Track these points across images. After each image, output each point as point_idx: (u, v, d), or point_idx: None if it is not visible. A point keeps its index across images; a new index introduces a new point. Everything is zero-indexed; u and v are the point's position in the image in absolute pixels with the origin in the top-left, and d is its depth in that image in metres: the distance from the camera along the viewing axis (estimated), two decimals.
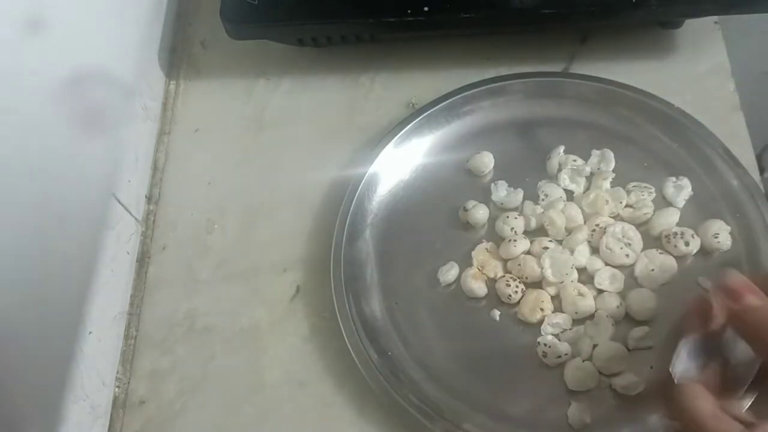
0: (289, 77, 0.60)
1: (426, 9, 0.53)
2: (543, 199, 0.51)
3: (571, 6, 0.53)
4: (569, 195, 0.51)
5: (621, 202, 0.50)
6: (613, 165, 0.52)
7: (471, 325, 0.48)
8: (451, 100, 0.54)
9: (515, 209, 0.51)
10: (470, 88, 0.55)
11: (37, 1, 0.42)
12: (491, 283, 0.49)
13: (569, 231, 0.49)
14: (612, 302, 0.47)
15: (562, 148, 0.52)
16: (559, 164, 0.52)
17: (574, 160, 0.52)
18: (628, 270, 0.48)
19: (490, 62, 0.59)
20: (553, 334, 0.47)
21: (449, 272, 0.49)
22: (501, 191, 0.52)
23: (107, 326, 0.49)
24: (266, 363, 0.49)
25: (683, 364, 0.37)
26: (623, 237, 0.48)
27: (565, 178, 0.51)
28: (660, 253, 0.48)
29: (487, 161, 0.53)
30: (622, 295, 0.47)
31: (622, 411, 0.45)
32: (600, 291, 0.48)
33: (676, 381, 0.36)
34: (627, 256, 0.48)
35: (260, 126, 0.58)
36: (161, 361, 0.50)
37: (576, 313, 0.47)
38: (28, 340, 0.41)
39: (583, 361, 0.46)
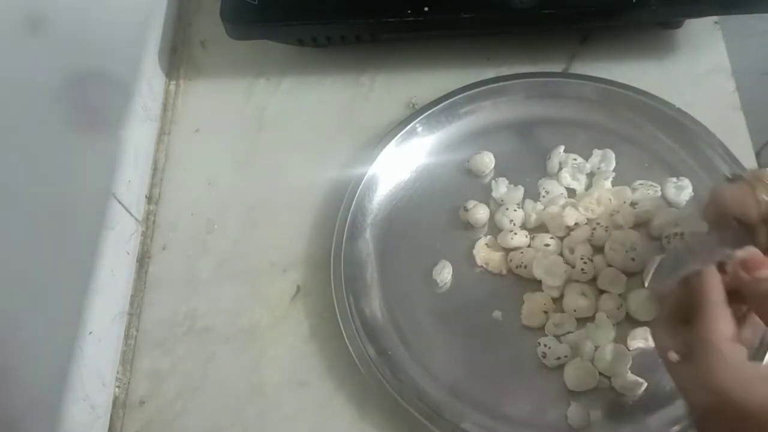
0: (289, 77, 0.60)
1: (426, 9, 0.53)
2: (544, 196, 0.51)
3: (571, 6, 0.53)
4: (571, 193, 0.51)
5: (625, 202, 0.50)
6: (613, 165, 0.52)
7: (471, 325, 0.48)
8: (451, 100, 0.54)
9: (516, 204, 0.51)
10: (470, 88, 0.55)
11: (37, 1, 0.42)
12: (497, 278, 0.49)
13: (570, 229, 0.49)
14: (613, 304, 0.47)
15: (562, 148, 0.52)
16: (560, 163, 0.52)
17: (575, 159, 0.52)
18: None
19: (490, 62, 0.59)
20: (555, 335, 0.47)
21: (443, 271, 0.49)
22: (501, 188, 0.52)
23: (107, 326, 0.49)
24: (266, 363, 0.49)
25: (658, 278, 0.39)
26: (626, 242, 0.48)
27: (566, 176, 0.51)
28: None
29: (487, 161, 0.53)
30: (623, 296, 0.47)
31: (621, 411, 0.45)
32: (602, 292, 0.48)
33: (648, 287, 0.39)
34: (633, 260, 0.48)
35: (260, 126, 0.58)
36: (161, 361, 0.50)
37: (574, 310, 0.47)
38: (28, 340, 0.41)
39: (583, 361, 0.46)
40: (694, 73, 0.57)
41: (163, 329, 0.51)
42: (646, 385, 0.45)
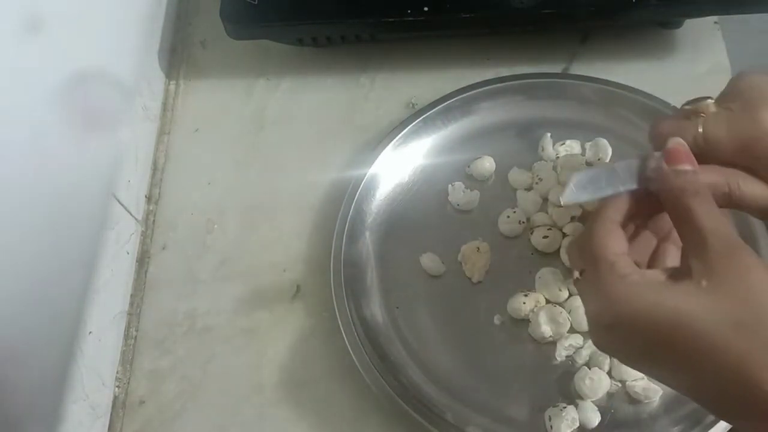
0: (289, 77, 0.60)
1: (426, 9, 0.53)
2: (537, 183, 0.51)
3: (571, 6, 0.53)
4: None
5: None
6: (610, 153, 0.51)
7: (471, 327, 0.48)
8: (451, 100, 0.54)
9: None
10: (470, 89, 0.55)
11: (37, 1, 0.42)
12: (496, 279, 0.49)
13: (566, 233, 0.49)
14: None
15: (549, 135, 0.52)
16: (557, 155, 0.52)
17: (562, 143, 0.52)
18: None
19: (490, 62, 0.59)
20: (568, 356, 0.46)
21: (428, 259, 0.50)
22: (458, 193, 0.52)
23: (107, 326, 0.49)
24: (266, 363, 0.49)
25: (572, 192, 0.37)
26: None
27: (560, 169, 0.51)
28: None
29: (488, 166, 0.52)
30: None
31: (629, 415, 0.45)
32: None
33: (562, 203, 0.38)
34: None
35: (260, 126, 0.58)
36: (161, 361, 0.50)
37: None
38: (28, 340, 0.41)
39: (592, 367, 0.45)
40: (694, 73, 0.57)
41: (163, 329, 0.51)
42: (661, 392, 0.44)
